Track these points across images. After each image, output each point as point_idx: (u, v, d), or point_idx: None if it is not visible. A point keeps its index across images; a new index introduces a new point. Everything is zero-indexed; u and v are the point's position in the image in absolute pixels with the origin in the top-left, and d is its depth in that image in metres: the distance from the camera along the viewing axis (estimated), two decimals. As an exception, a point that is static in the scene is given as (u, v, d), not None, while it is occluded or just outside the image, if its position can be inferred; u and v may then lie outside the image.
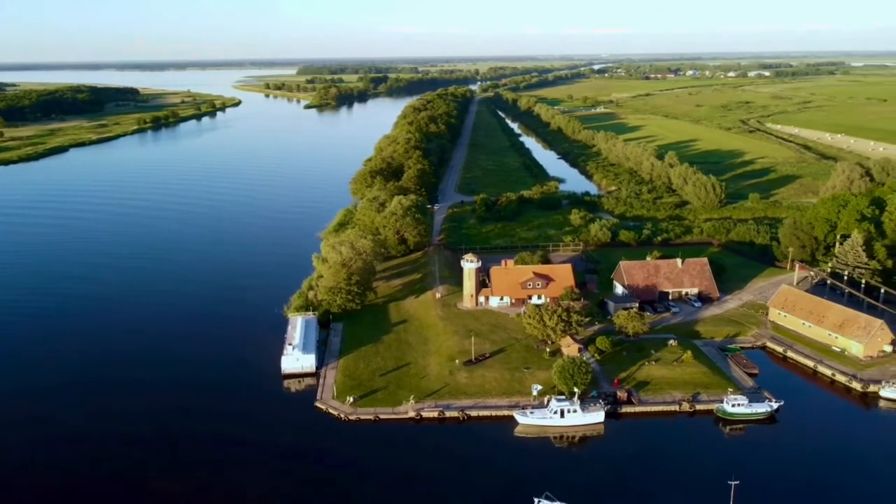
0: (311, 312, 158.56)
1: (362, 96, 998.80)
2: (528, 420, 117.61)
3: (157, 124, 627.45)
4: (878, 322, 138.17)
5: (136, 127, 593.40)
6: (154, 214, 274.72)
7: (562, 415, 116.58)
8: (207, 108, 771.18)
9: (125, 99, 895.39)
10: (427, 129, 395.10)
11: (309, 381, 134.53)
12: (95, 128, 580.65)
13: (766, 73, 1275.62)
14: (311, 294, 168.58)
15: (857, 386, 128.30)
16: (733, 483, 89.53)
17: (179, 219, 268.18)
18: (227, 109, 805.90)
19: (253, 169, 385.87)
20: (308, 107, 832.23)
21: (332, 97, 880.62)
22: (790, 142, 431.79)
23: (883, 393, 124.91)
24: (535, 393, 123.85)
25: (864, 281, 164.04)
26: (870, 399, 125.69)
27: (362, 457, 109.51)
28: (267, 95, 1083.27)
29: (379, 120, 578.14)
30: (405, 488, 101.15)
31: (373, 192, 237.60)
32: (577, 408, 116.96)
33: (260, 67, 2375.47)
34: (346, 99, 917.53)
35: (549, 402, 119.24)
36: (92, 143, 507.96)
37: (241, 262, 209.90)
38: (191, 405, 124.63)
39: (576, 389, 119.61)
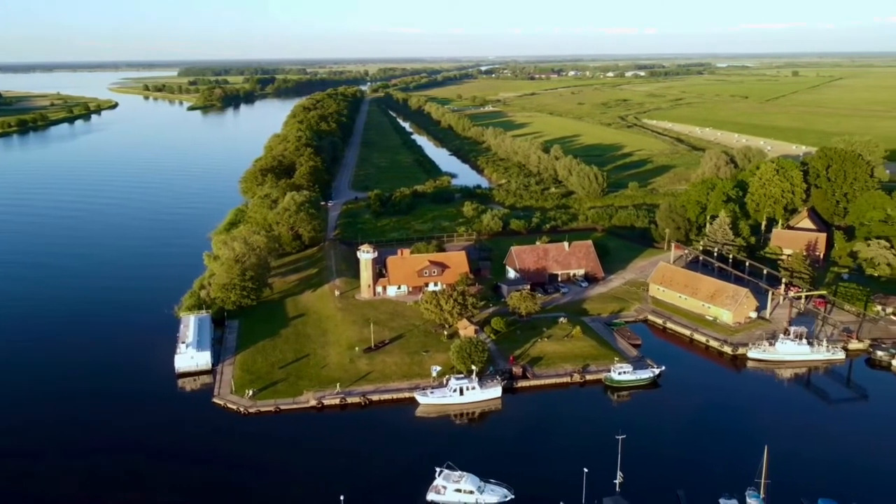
0: (204, 311, 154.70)
1: (249, 97, 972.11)
2: (429, 400, 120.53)
3: (24, 128, 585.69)
4: (744, 291, 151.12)
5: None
6: (30, 220, 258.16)
7: (461, 392, 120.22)
8: (81, 110, 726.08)
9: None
10: (318, 127, 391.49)
11: (205, 378, 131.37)
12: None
13: (642, 74, 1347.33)
14: (203, 293, 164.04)
15: (728, 350, 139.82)
16: (620, 437, 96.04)
17: (59, 223, 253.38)
18: (104, 112, 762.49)
19: (135, 171, 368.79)
20: (192, 108, 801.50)
21: (217, 98, 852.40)
22: (664, 135, 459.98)
23: (750, 354, 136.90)
24: (434, 374, 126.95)
25: (731, 256, 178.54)
26: (739, 361, 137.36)
27: (264, 447, 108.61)
28: (147, 97, 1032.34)
29: (268, 121, 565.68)
30: (308, 473, 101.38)
31: (264, 190, 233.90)
32: (476, 385, 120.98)
33: (137, 69, 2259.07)
34: (233, 100, 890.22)
35: (448, 381, 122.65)
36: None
37: (126, 264, 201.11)
38: (81, 414, 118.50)
39: (473, 368, 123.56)
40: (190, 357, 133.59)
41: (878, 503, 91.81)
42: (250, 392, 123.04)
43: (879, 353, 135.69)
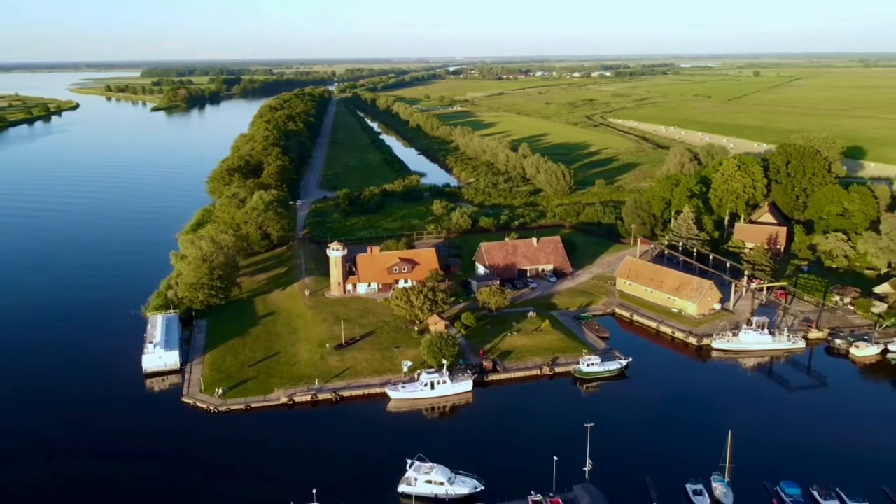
0: (171, 311, 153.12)
1: (215, 98, 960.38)
2: (400, 394, 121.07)
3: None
4: (708, 283, 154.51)
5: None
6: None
7: (432, 387, 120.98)
8: (41, 111, 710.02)
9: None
10: (285, 126, 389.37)
11: (173, 378, 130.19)
12: None
13: (608, 74, 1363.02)
14: (170, 293, 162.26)
15: (693, 341, 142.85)
16: (588, 425, 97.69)
17: (22, 223, 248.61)
18: (64, 113, 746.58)
19: (98, 172, 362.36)
20: (156, 109, 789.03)
21: (182, 99, 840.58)
22: (630, 134, 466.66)
23: (714, 345, 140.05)
24: (405, 369, 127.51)
25: (695, 250, 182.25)
26: (704, 351, 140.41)
27: (235, 445, 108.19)
28: (109, 98, 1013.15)
29: (234, 121, 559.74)
30: (280, 468, 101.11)
31: (231, 189, 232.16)
32: (447, 379, 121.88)
33: (98, 69, 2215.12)
34: (198, 101, 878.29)
35: (419, 376, 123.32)
36: None
37: (90, 266, 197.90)
38: (47, 417, 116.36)
39: (444, 362, 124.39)
40: (158, 357, 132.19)
41: (837, 484, 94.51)
42: (220, 391, 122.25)
43: (838, 341, 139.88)
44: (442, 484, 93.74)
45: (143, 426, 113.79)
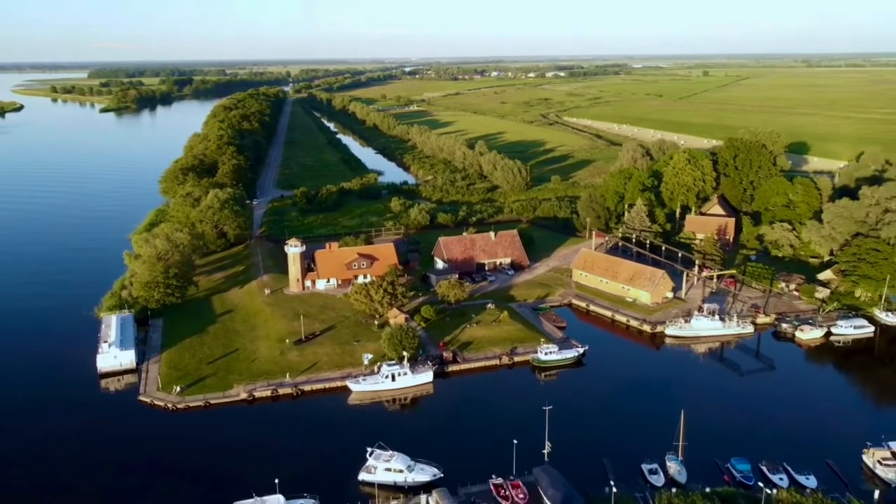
0: (126, 311, 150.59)
1: (166, 99, 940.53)
2: (362, 387, 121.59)
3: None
4: (661, 272, 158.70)
5: None
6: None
7: (393, 378, 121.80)
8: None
9: None
10: (240, 126, 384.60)
11: (129, 378, 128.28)
12: None
13: (562, 74, 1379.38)
14: (124, 293, 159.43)
15: (647, 328, 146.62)
16: (547, 408, 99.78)
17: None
18: (8, 115, 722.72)
19: (46, 174, 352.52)
20: (105, 110, 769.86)
21: (132, 100, 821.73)
22: (584, 132, 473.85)
23: (668, 331, 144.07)
24: (366, 362, 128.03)
25: (648, 242, 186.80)
26: (657, 338, 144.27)
27: (195, 440, 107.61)
28: (55, 100, 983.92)
29: (186, 121, 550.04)
30: (242, 461, 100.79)
31: (185, 189, 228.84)
32: (407, 371, 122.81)
33: (44, 70, 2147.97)
34: (148, 102, 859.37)
35: (380, 368, 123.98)
36: None
37: (40, 269, 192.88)
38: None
39: (405, 354, 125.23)
40: (113, 357, 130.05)
41: (784, 460, 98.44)
42: (178, 388, 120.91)
43: (784, 325, 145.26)
44: (401, 471, 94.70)
45: (99, 426, 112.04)
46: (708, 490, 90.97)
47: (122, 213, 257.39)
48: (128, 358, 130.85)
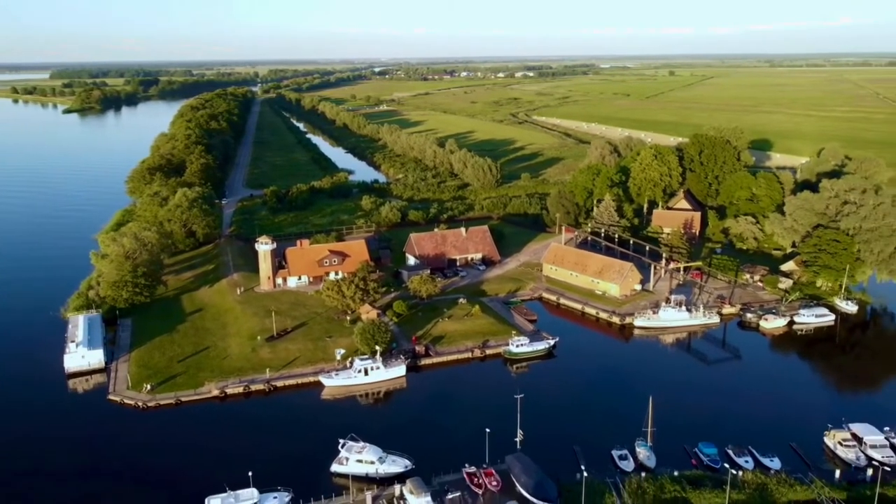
0: (93, 310, 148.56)
1: (131, 100, 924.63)
2: (334, 382, 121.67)
3: None
4: (629, 265, 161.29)
5: None
6: None
7: (366, 373, 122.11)
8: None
9: None
10: (208, 126, 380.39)
11: (98, 377, 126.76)
12: None
13: (531, 74, 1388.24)
14: (91, 293, 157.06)
15: (616, 320, 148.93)
16: (518, 396, 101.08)
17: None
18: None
19: (9, 175, 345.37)
20: (68, 111, 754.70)
21: (96, 101, 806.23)
22: (553, 130, 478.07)
23: (636, 323, 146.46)
24: (338, 357, 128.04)
25: (617, 236, 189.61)
26: (626, 329, 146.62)
27: (167, 437, 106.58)
28: (16, 101, 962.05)
29: (153, 122, 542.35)
30: (214, 457, 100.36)
31: (153, 188, 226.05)
32: (380, 365, 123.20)
33: (2, 72, 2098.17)
34: (113, 102, 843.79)
35: (352, 363, 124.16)
36: None
37: (4, 269, 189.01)
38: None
39: (377, 348, 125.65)
40: (81, 356, 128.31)
41: (750, 443, 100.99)
42: (148, 386, 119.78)
43: (749, 315, 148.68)
44: (372, 463, 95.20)
45: (67, 426, 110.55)
46: (676, 474, 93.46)
47: (87, 213, 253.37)
48: (96, 357, 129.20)
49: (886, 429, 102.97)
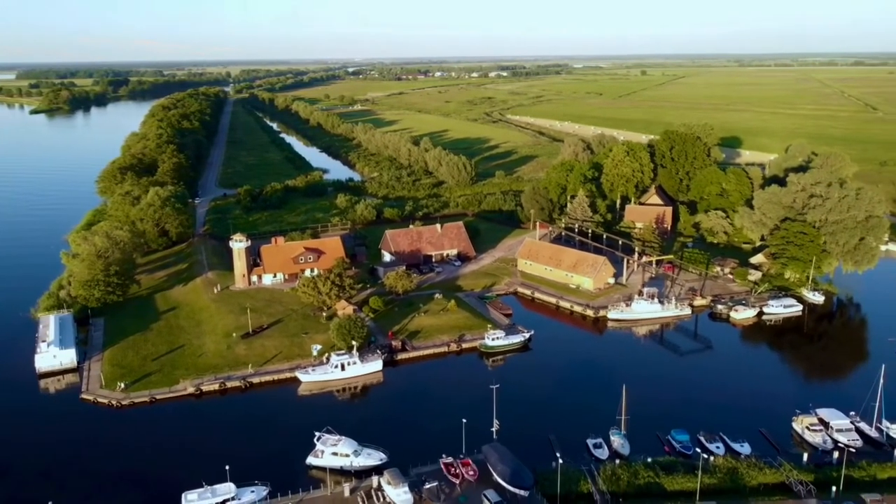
0: (65, 310, 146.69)
1: (100, 100, 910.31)
2: (311, 377, 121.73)
3: None
4: (602, 259, 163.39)
5: None
6: None
7: (342, 368, 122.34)
8: None
9: None
10: (180, 125, 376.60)
11: (70, 377, 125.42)
12: None
13: (505, 74, 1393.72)
14: (62, 293, 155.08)
15: (590, 313, 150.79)
16: (494, 387, 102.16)
17: None
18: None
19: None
20: (35, 112, 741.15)
21: (64, 101, 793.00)
22: (527, 129, 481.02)
23: (610, 315, 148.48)
24: (315, 353, 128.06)
25: (590, 231, 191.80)
26: (600, 322, 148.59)
27: (142, 434, 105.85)
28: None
29: (123, 123, 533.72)
30: (191, 452, 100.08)
31: (124, 188, 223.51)
32: (356, 360, 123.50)
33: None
34: (82, 103, 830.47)
35: (329, 358, 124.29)
36: None
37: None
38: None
39: (354, 343, 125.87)
40: (52, 356, 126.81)
41: (721, 430, 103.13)
42: (122, 385, 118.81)
43: (719, 307, 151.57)
44: (348, 456, 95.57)
45: (40, 426, 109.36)
46: (650, 460, 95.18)
47: (56, 214, 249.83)
48: (68, 357, 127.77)
49: (852, 413, 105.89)
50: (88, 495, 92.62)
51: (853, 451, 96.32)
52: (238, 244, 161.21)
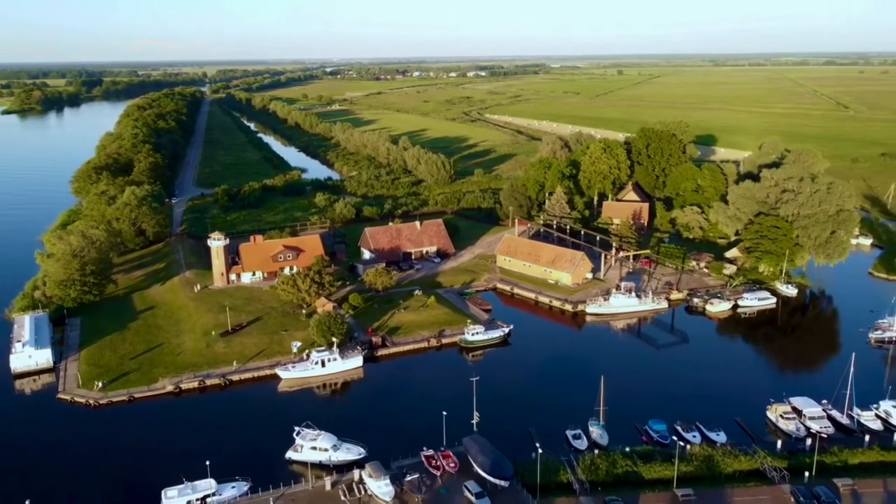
0: (40, 311, 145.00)
1: (74, 100, 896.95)
2: (291, 374, 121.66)
3: None
4: (580, 254, 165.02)
5: None
6: None
7: (323, 364, 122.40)
8: None
9: None
10: (156, 125, 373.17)
11: (46, 377, 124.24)
12: None
13: (483, 73, 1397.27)
14: (37, 293, 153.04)
15: (569, 308, 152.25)
16: (474, 379, 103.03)
17: None
18: None
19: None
20: (7, 112, 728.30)
21: (37, 101, 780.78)
22: (505, 128, 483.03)
23: (588, 310, 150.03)
24: (295, 350, 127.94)
25: (568, 227, 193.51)
26: (579, 316, 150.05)
27: (121, 433, 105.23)
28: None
29: (98, 122, 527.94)
30: (171, 449, 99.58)
31: (100, 187, 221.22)
32: (337, 356, 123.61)
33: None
34: (55, 103, 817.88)
35: (309, 355, 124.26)
36: None
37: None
38: None
39: (334, 340, 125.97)
40: (28, 356, 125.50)
41: (697, 419, 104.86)
42: (100, 384, 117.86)
43: (696, 300, 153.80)
44: (327, 450, 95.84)
45: (16, 427, 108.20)
46: (628, 450, 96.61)
47: (30, 214, 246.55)
48: (44, 357, 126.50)
49: (824, 401, 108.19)
50: (67, 494, 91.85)
51: (825, 437, 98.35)
52: (216, 242, 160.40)
